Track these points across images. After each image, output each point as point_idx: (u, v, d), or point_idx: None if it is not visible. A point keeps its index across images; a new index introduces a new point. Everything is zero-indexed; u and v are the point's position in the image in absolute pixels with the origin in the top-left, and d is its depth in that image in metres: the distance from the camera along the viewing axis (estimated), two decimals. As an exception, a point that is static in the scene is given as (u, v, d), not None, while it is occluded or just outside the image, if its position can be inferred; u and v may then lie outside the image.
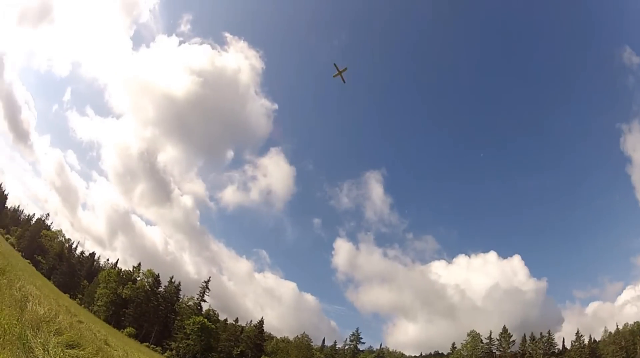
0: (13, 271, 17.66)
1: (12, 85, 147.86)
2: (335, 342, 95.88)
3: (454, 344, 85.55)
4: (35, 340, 9.51)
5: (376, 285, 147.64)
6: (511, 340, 79.59)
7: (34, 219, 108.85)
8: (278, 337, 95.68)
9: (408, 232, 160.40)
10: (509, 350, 77.92)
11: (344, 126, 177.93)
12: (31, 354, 8.02)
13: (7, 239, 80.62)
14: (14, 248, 78.27)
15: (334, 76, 54.39)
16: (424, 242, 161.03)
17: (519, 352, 76.83)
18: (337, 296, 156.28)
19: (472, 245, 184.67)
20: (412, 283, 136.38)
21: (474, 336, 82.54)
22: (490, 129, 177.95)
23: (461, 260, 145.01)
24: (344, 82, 56.00)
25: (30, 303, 14.34)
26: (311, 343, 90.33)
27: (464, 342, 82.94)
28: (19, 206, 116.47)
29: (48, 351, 9.48)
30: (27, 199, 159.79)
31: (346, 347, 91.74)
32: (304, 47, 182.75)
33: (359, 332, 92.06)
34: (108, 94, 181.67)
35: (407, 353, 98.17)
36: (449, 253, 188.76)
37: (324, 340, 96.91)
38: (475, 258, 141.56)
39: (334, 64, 56.03)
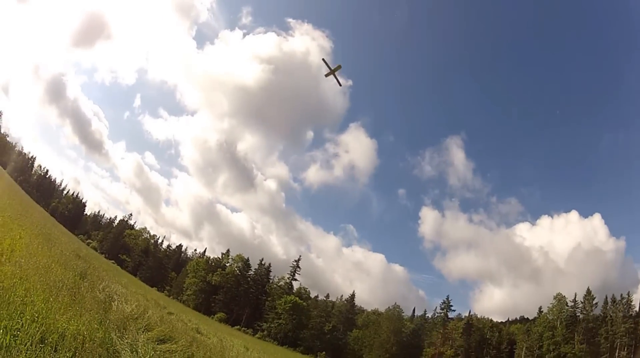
0: (95, 273, 17.93)
1: (77, 101, 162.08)
2: (425, 310, 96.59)
3: (540, 308, 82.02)
4: (122, 342, 8.94)
5: (463, 251, 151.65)
6: (594, 302, 74.93)
7: (116, 222, 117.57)
8: (368, 310, 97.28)
9: (492, 196, 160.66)
10: (592, 313, 74.10)
11: (420, 94, 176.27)
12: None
13: (88, 244, 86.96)
14: (97, 251, 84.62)
15: (325, 75, 44.14)
16: (508, 205, 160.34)
17: (601, 315, 72.88)
18: (425, 265, 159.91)
19: (554, 204, 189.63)
20: (497, 248, 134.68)
21: (560, 299, 78.00)
22: (568, 87, 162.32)
23: (544, 221, 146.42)
24: (340, 85, 50.08)
25: (116, 303, 14.29)
26: (402, 314, 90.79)
27: (550, 306, 78.91)
28: (99, 211, 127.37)
29: (137, 351, 8.87)
30: (107, 204, 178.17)
31: (436, 315, 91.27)
32: (368, 21, 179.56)
33: (449, 299, 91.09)
34: (179, 94, 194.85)
35: (494, 320, 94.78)
36: (532, 215, 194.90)
37: (414, 310, 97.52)
38: (558, 219, 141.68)
39: (323, 60, 50.71)
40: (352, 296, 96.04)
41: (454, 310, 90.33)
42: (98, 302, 11.57)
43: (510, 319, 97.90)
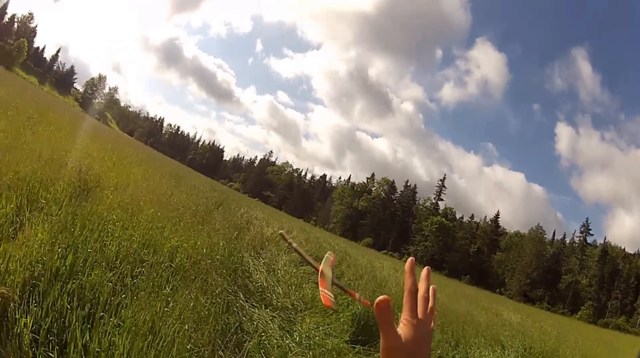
0: (234, 203, 18.19)
1: (197, 59, 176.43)
2: (564, 234, 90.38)
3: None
4: (257, 262, 8.09)
5: (596, 171, 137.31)
6: None
7: (257, 162, 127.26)
8: (511, 232, 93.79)
9: (620, 112, 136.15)
10: None
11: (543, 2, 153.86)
12: (249, 279, 6.22)
13: (230, 186, 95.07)
14: (239, 191, 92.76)
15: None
16: (637, 123, 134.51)
17: None
18: (563, 185, 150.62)
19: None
20: (628, 170, 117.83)
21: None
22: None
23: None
24: None
25: (255, 227, 14.09)
26: (544, 236, 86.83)
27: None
28: (238, 155, 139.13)
29: (275, 271, 7.92)
30: (245, 148, 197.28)
31: (575, 240, 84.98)
32: None
33: (588, 222, 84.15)
34: (300, 31, 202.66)
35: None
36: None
37: (554, 233, 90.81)
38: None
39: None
40: (496, 216, 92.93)
41: (592, 235, 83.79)
42: (233, 225, 11.10)
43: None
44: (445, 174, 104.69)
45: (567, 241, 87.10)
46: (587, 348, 12.81)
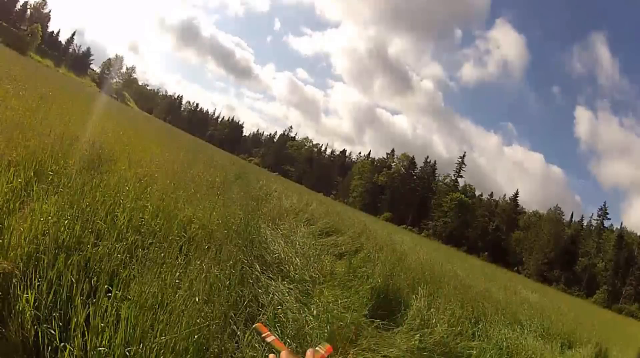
0: (252, 175, 18.05)
1: (215, 38, 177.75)
2: (582, 216, 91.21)
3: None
4: (275, 233, 7.95)
5: (615, 157, 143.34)
6: None
7: (277, 137, 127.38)
8: (529, 211, 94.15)
9: (639, 99, 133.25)
10: None
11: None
12: (266, 250, 6.09)
13: (249, 161, 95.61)
14: (259, 166, 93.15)
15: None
16: None
17: None
18: (581, 169, 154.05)
19: None
20: None
21: None
22: None
23: None
24: None
25: (274, 198, 13.97)
26: (563, 217, 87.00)
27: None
28: (257, 130, 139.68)
29: (293, 243, 7.79)
30: (265, 123, 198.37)
31: (592, 223, 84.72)
32: None
33: (606, 206, 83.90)
34: (319, 10, 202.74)
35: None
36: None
37: (572, 215, 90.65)
38: None
39: None
40: (515, 195, 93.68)
41: (609, 219, 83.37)
42: (251, 197, 10.99)
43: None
44: (465, 152, 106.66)
45: (585, 224, 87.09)
46: (602, 332, 12.60)
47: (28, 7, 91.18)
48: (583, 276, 74.79)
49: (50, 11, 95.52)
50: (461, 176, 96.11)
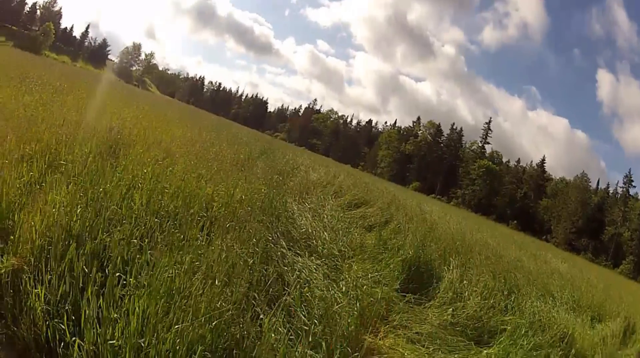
0: (279, 150, 17.88)
1: (232, 16, 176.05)
2: (607, 184, 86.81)
3: None
4: (301, 207, 7.74)
5: (637, 121, 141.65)
6: None
7: (302, 111, 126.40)
8: (556, 178, 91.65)
9: None
10: None
11: None
12: (293, 225, 5.90)
13: (275, 136, 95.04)
14: (286, 141, 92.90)
15: None
16: None
17: None
18: (605, 133, 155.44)
19: None
20: None
21: None
22: None
23: None
24: None
25: (301, 172, 13.78)
26: (589, 184, 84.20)
27: None
28: (282, 106, 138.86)
29: (320, 216, 7.57)
30: (289, 98, 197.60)
31: (618, 190, 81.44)
32: None
33: (631, 173, 79.99)
34: None
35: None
36: None
37: (598, 181, 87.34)
38: None
39: None
40: (542, 161, 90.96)
41: (634, 187, 79.54)
42: (277, 171, 10.81)
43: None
44: (490, 118, 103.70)
45: (610, 192, 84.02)
46: (630, 305, 12.02)
47: (37, 7, 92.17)
48: (610, 246, 72.53)
49: (60, 8, 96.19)
50: (488, 143, 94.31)
